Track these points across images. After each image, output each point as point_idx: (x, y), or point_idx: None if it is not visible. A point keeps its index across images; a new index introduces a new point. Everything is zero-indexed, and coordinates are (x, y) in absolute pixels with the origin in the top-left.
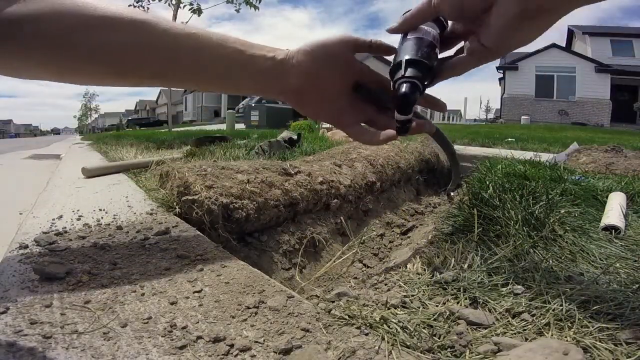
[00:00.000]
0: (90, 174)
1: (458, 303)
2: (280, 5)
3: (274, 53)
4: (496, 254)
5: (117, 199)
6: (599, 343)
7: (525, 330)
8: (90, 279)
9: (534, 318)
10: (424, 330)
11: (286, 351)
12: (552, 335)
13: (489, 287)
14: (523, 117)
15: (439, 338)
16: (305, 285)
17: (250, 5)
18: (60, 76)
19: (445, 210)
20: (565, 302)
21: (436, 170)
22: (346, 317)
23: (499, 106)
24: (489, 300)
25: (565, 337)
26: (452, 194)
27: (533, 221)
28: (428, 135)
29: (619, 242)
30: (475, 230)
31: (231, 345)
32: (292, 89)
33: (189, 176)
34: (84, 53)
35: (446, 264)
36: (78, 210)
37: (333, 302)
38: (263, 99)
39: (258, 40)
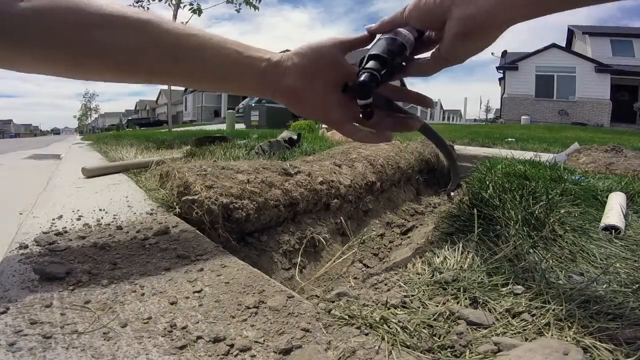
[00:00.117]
0: (90, 174)
1: (458, 303)
2: (280, 5)
3: (270, 55)
4: (496, 254)
5: (117, 199)
6: (599, 343)
7: (525, 330)
8: (90, 279)
9: (534, 318)
10: (424, 330)
11: (286, 351)
12: (552, 335)
13: (489, 287)
14: (523, 117)
15: (439, 338)
16: (305, 285)
17: (250, 5)
18: (64, 72)
19: (445, 210)
20: (565, 302)
21: (436, 170)
22: (346, 317)
23: (499, 106)
24: (489, 300)
25: (565, 337)
26: (452, 194)
27: (533, 221)
28: None
29: (619, 242)
30: (475, 230)
31: (231, 345)
32: (287, 89)
33: (189, 176)
34: (88, 50)
35: (446, 264)
36: (78, 210)
37: (333, 302)
38: (263, 99)
39: (258, 41)
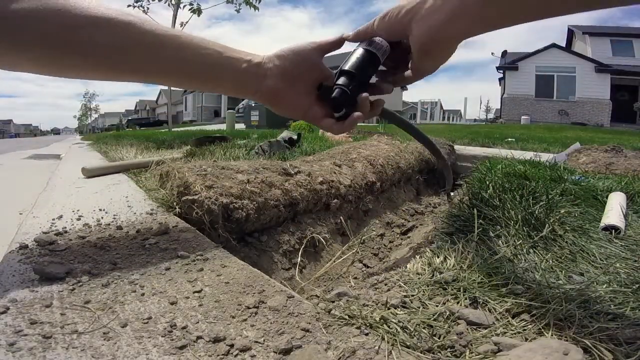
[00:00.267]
0: (90, 174)
1: (458, 303)
2: (280, 5)
3: (251, 57)
4: (496, 254)
5: (117, 199)
6: (599, 343)
7: (525, 330)
8: (90, 279)
9: (534, 318)
10: (424, 330)
11: (286, 351)
12: (552, 335)
13: (489, 287)
14: (523, 117)
15: (439, 338)
16: (305, 285)
17: (250, 6)
18: (51, 70)
19: (445, 210)
20: (565, 302)
21: (436, 170)
22: (346, 317)
23: (499, 106)
24: (489, 300)
25: (565, 337)
26: (452, 194)
27: (533, 221)
28: (428, 135)
29: (619, 242)
30: (475, 230)
31: (231, 345)
32: (268, 90)
33: (189, 176)
34: (74, 49)
35: (446, 264)
36: (78, 210)
37: (333, 302)
38: None
39: (258, 41)
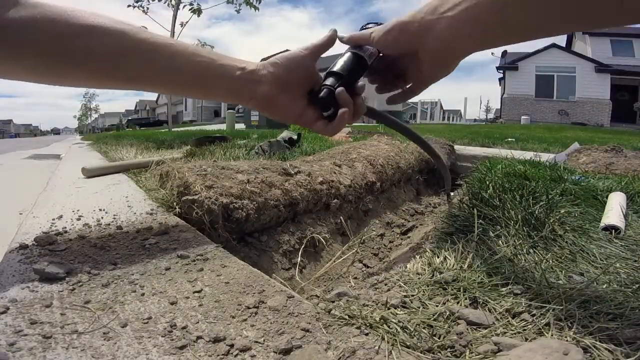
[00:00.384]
0: (90, 174)
1: (458, 303)
2: (280, 5)
3: (245, 64)
4: (496, 254)
5: (117, 199)
6: (599, 343)
7: (525, 330)
8: (90, 279)
9: (534, 318)
10: (424, 330)
11: (286, 351)
12: (552, 335)
13: (489, 287)
14: (523, 117)
15: (439, 338)
16: (305, 285)
17: (250, 6)
18: (47, 78)
19: (445, 210)
20: (565, 302)
21: (436, 170)
22: (346, 317)
23: (499, 106)
24: (489, 300)
25: (565, 337)
26: (452, 194)
27: (533, 221)
28: (428, 135)
29: (619, 242)
30: (475, 230)
31: (231, 345)
32: (261, 96)
33: (189, 176)
34: (70, 58)
35: (446, 264)
36: (78, 210)
37: (333, 302)
38: None
39: (257, 40)
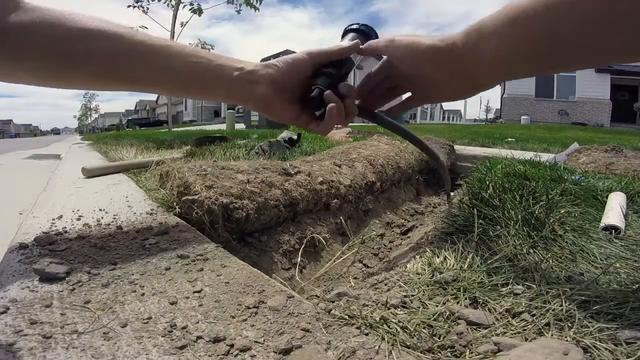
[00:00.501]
0: (90, 174)
1: (458, 303)
2: (280, 5)
3: (243, 64)
4: (496, 254)
5: (117, 199)
6: (599, 343)
7: (525, 330)
8: (90, 279)
9: (534, 318)
10: (424, 330)
11: (286, 351)
12: (552, 335)
13: (489, 287)
14: (523, 117)
15: (439, 338)
16: (305, 285)
17: (251, 6)
18: (46, 81)
19: (445, 210)
20: (565, 302)
21: (436, 170)
22: (346, 317)
23: (499, 106)
24: (489, 300)
25: (565, 337)
26: (452, 194)
27: (533, 221)
28: (428, 135)
29: (619, 242)
30: (475, 230)
31: (231, 345)
32: (259, 97)
33: (189, 176)
34: (69, 61)
35: (446, 264)
36: (78, 210)
37: (333, 302)
38: None
39: (257, 40)
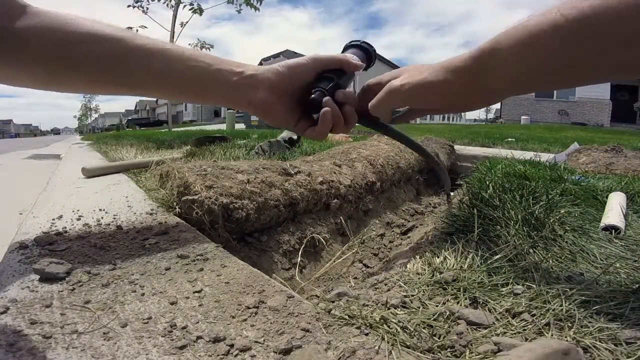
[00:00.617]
0: (90, 174)
1: (458, 303)
2: (280, 5)
3: (243, 68)
4: (496, 254)
5: (117, 199)
6: (599, 343)
7: (525, 330)
8: (90, 279)
9: (534, 318)
10: (424, 330)
11: (286, 351)
12: (552, 335)
13: (489, 287)
14: (523, 117)
15: (439, 338)
16: (305, 285)
17: (251, 6)
18: (48, 85)
19: (445, 210)
20: (565, 302)
21: (436, 170)
22: (346, 317)
23: (499, 106)
24: (489, 300)
25: (565, 337)
26: (452, 194)
27: (533, 221)
28: (428, 135)
29: (619, 242)
30: (475, 230)
31: (231, 345)
32: (259, 102)
33: (189, 176)
34: (69, 64)
35: (446, 264)
36: (78, 210)
37: (333, 302)
38: None
39: (257, 40)
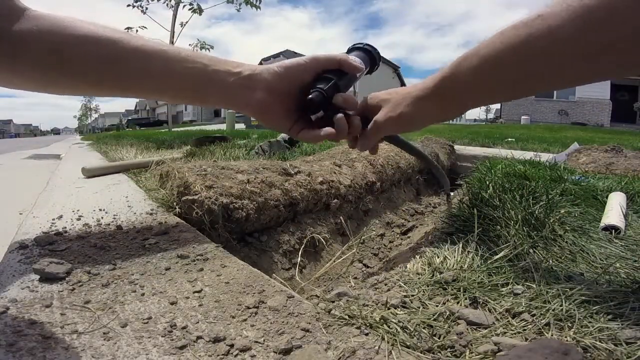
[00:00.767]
0: (90, 174)
1: (458, 303)
2: (280, 5)
3: (240, 69)
4: (496, 254)
5: (117, 199)
6: (599, 343)
7: (525, 330)
8: (90, 279)
9: (534, 318)
10: (424, 330)
11: (286, 351)
12: (552, 335)
13: (489, 287)
14: (523, 117)
15: (439, 338)
16: (305, 285)
17: (252, 5)
18: (45, 88)
19: (445, 210)
20: (565, 302)
21: (435, 173)
22: (346, 317)
23: (499, 106)
24: (489, 300)
25: (565, 337)
26: (452, 194)
27: (533, 221)
28: (428, 135)
29: (619, 242)
30: (475, 230)
31: (231, 345)
32: (256, 103)
33: (189, 176)
34: (66, 67)
35: (446, 264)
36: (78, 210)
37: (333, 302)
38: None
39: (257, 40)
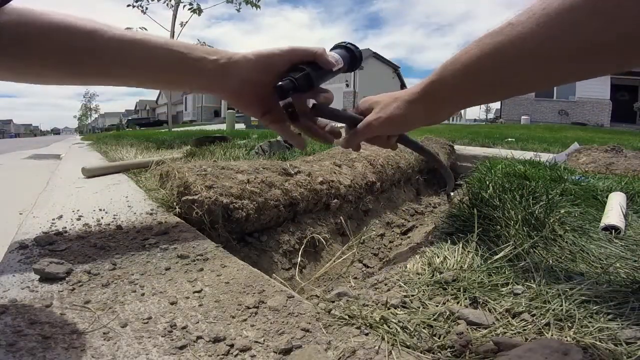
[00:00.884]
0: (90, 174)
1: (458, 303)
2: (280, 5)
3: (217, 56)
4: (496, 254)
5: (117, 199)
6: (599, 343)
7: (525, 330)
8: (90, 279)
9: (534, 318)
10: (424, 330)
11: (286, 351)
12: (552, 335)
13: (489, 287)
14: (523, 117)
15: (439, 338)
16: (305, 285)
17: (252, 5)
18: (26, 78)
19: (445, 210)
20: (565, 302)
21: (436, 170)
22: (346, 317)
23: (499, 106)
24: (489, 300)
25: (565, 337)
26: (452, 194)
27: (533, 221)
28: (428, 135)
29: (619, 242)
30: (475, 230)
31: (231, 345)
32: (232, 89)
33: (189, 176)
34: (43, 56)
35: (446, 264)
36: (78, 210)
37: (333, 302)
38: None
39: (257, 40)
